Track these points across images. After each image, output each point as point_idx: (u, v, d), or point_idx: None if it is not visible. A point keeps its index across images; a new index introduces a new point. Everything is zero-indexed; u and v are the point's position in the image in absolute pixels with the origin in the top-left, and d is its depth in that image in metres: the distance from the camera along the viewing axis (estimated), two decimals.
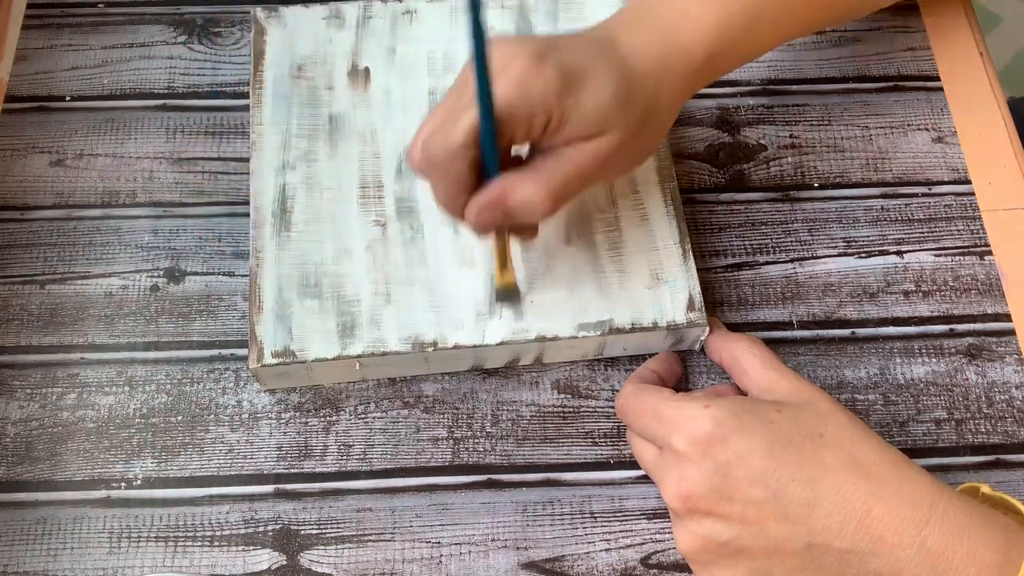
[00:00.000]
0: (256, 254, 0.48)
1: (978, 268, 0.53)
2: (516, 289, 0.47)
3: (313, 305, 0.47)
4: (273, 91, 0.53)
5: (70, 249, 0.52)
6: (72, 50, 0.58)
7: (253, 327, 0.46)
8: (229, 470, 0.47)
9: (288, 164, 0.51)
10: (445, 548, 0.45)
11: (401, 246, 0.49)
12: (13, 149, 0.55)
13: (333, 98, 0.53)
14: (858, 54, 0.60)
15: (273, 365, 0.46)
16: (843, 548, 0.36)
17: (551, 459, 0.48)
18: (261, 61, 0.54)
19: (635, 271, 0.48)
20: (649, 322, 0.47)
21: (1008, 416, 0.49)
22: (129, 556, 0.45)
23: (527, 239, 0.47)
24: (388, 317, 0.47)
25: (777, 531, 0.37)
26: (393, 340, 0.46)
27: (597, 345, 0.48)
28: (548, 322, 0.47)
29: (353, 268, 0.48)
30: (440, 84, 0.53)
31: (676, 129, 0.57)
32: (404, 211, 0.50)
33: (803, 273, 0.53)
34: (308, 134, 0.52)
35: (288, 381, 0.48)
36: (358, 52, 0.54)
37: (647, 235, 0.49)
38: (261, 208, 0.49)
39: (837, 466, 0.37)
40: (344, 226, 0.49)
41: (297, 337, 0.46)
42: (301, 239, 0.49)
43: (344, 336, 0.46)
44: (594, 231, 0.50)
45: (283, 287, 0.47)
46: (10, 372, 0.49)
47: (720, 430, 0.38)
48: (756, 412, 0.39)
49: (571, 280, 0.48)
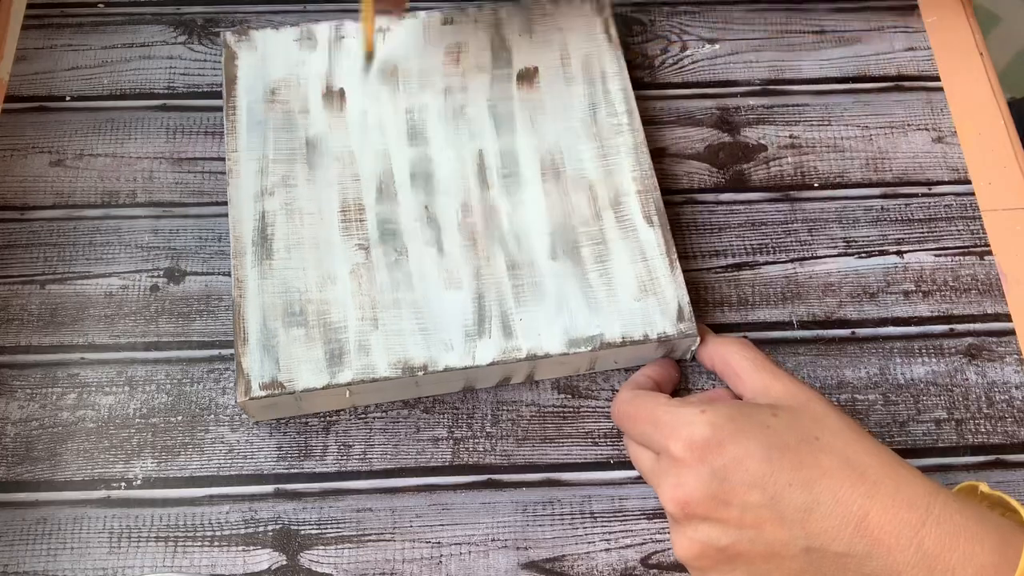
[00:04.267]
0: (238, 284, 0.47)
1: (978, 268, 0.53)
2: (372, 53, 0.53)
3: (299, 334, 0.46)
4: (247, 117, 0.52)
5: (70, 249, 0.52)
6: (72, 50, 0.58)
7: (239, 360, 0.45)
8: (229, 470, 0.47)
9: (266, 190, 0.50)
10: (445, 548, 0.45)
11: (386, 269, 0.48)
12: (13, 149, 0.55)
13: (309, 121, 0.52)
14: (858, 54, 0.60)
15: (261, 397, 0.45)
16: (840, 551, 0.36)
17: (551, 459, 0.48)
18: (233, 86, 0.53)
19: (623, 284, 0.48)
20: (640, 335, 0.47)
21: (1008, 416, 0.49)
22: (129, 556, 0.45)
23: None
24: (376, 342, 0.46)
25: (775, 535, 0.37)
26: (382, 366, 0.46)
27: (588, 360, 0.48)
28: (538, 340, 0.46)
29: (338, 294, 0.47)
30: (416, 102, 0.53)
31: (676, 129, 0.57)
32: (387, 233, 0.49)
33: (803, 273, 0.53)
34: (285, 159, 0.51)
35: (276, 412, 0.47)
36: (332, 73, 0.53)
37: (633, 247, 0.49)
38: (241, 237, 0.49)
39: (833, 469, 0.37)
40: (327, 251, 0.48)
41: (284, 368, 0.45)
42: (283, 267, 0.48)
43: (332, 364, 0.46)
44: (580, 245, 0.49)
45: (267, 317, 0.47)
46: (10, 372, 0.49)
47: (717, 435, 0.38)
48: (752, 416, 0.39)
49: (559, 296, 0.48)
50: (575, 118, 0.52)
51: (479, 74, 0.54)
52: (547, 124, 0.52)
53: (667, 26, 0.60)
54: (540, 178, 0.51)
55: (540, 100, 0.53)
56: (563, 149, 0.52)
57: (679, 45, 0.60)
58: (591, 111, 0.53)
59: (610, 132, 0.52)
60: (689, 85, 0.58)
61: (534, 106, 0.53)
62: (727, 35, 0.60)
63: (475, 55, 0.54)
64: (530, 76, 0.54)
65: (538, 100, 0.53)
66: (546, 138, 0.52)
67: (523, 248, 0.49)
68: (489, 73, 0.54)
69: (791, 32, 0.60)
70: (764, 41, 0.60)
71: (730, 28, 0.60)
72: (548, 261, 0.49)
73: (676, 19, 0.60)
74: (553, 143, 0.52)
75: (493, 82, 0.53)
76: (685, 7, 0.61)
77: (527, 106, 0.53)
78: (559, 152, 0.51)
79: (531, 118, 0.52)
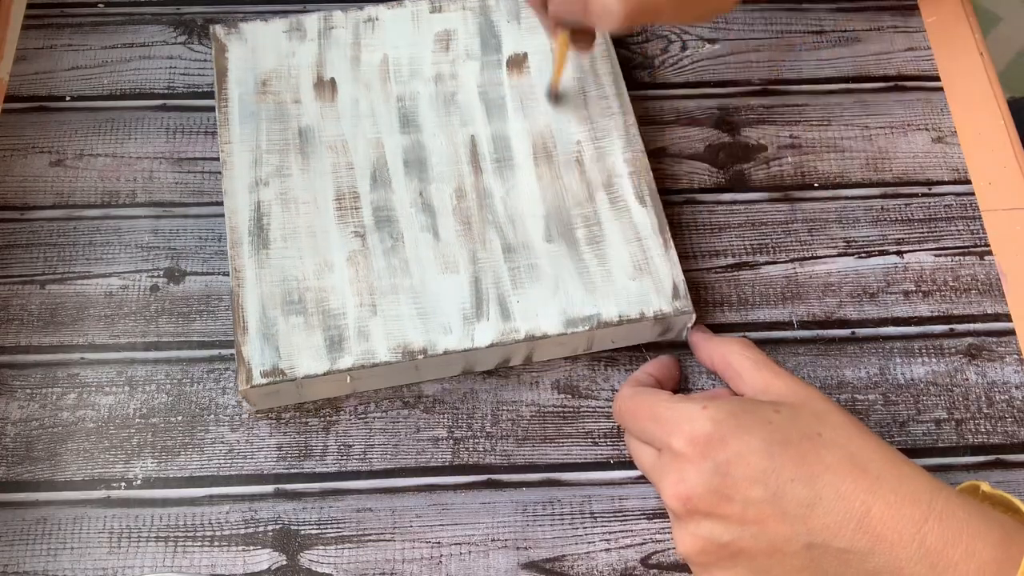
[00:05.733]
0: (236, 274, 0.48)
1: (978, 268, 0.53)
2: (562, 93, 0.52)
3: (298, 322, 0.47)
4: (240, 108, 0.52)
5: (70, 249, 0.52)
6: (72, 50, 0.58)
7: (239, 348, 0.46)
8: (229, 470, 0.47)
9: (261, 181, 0.50)
10: (445, 548, 0.45)
11: (382, 255, 0.48)
12: (13, 149, 0.55)
13: (301, 111, 0.52)
14: (858, 54, 0.60)
15: (263, 385, 0.45)
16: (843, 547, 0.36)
17: (551, 459, 0.48)
18: (224, 79, 0.53)
19: (618, 264, 0.48)
20: (636, 313, 0.47)
21: (1008, 416, 0.49)
22: (129, 556, 0.45)
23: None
24: (375, 328, 0.47)
25: (777, 531, 0.37)
26: (382, 350, 0.46)
27: (586, 340, 0.48)
28: (536, 321, 0.47)
29: (335, 281, 0.48)
30: (407, 90, 0.53)
31: (676, 129, 0.57)
32: (382, 220, 0.49)
33: (803, 273, 0.53)
34: (279, 149, 0.51)
35: (278, 400, 0.47)
36: (322, 63, 0.54)
37: (627, 227, 0.49)
38: (237, 227, 0.49)
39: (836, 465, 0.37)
40: (323, 239, 0.49)
41: (285, 355, 0.46)
42: (280, 256, 0.48)
43: (332, 350, 0.46)
44: (574, 227, 0.49)
45: (266, 306, 0.47)
46: (10, 372, 0.49)
47: (719, 430, 0.38)
48: (754, 412, 0.39)
49: (555, 277, 0.48)
50: (566, 101, 0.53)
51: (469, 61, 0.54)
52: (538, 108, 0.53)
53: (667, 26, 0.60)
54: (532, 162, 0.51)
55: (530, 85, 0.54)
56: (554, 133, 0.52)
57: (679, 45, 0.60)
58: (581, 95, 0.53)
59: (600, 114, 0.52)
60: (689, 85, 0.58)
61: (524, 91, 0.53)
62: (727, 35, 0.60)
63: (465, 42, 0.55)
64: (519, 62, 0.54)
65: (528, 85, 0.54)
66: (537, 122, 0.52)
67: (518, 231, 0.49)
68: (479, 60, 0.54)
69: (791, 32, 0.60)
70: (764, 41, 0.60)
71: (730, 28, 0.60)
72: (543, 243, 0.49)
73: None
74: (544, 127, 0.52)
75: (483, 68, 0.54)
76: None
77: (517, 91, 0.53)
78: (550, 136, 0.52)
79: (522, 103, 0.53)
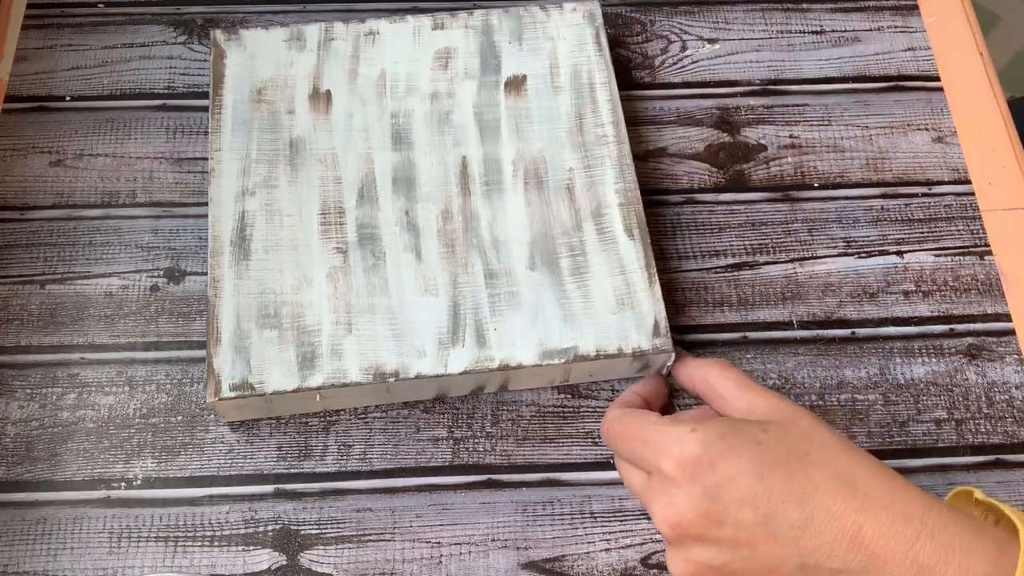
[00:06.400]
0: (214, 284, 0.47)
1: (978, 268, 0.53)
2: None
3: (272, 336, 0.46)
4: (232, 116, 0.52)
5: (70, 249, 0.52)
6: (72, 50, 0.58)
7: (210, 360, 0.45)
8: (229, 470, 0.47)
9: (247, 191, 0.50)
10: (445, 548, 0.45)
11: (363, 273, 0.48)
12: (13, 149, 0.55)
13: (294, 122, 0.52)
14: (858, 54, 0.60)
15: (231, 399, 0.45)
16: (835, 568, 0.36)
17: (551, 459, 0.48)
18: (220, 85, 0.53)
19: (600, 296, 0.47)
20: (614, 349, 0.46)
21: (1008, 416, 0.49)
22: (129, 556, 0.45)
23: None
24: (349, 347, 0.46)
25: (769, 553, 0.36)
26: (354, 371, 0.46)
27: (563, 372, 0.47)
28: (512, 350, 0.46)
29: (313, 296, 0.47)
30: (402, 107, 0.53)
31: (676, 129, 0.57)
32: (366, 237, 0.49)
33: (803, 273, 0.53)
34: (268, 159, 0.51)
35: (247, 414, 0.47)
36: (319, 75, 0.53)
37: (613, 259, 0.48)
38: (219, 236, 0.48)
39: (825, 484, 0.36)
40: (304, 254, 0.48)
41: (256, 369, 0.45)
42: (260, 268, 0.48)
43: (304, 367, 0.46)
44: (559, 256, 0.49)
45: (241, 318, 0.47)
46: (10, 372, 0.49)
47: (708, 453, 0.37)
48: (743, 433, 0.38)
49: (535, 306, 0.47)
50: (561, 128, 0.52)
51: (467, 80, 0.53)
52: (532, 132, 0.52)
53: (667, 26, 0.60)
54: (523, 187, 0.50)
55: (527, 108, 0.53)
56: (547, 158, 0.51)
57: (679, 45, 0.60)
58: (577, 121, 0.52)
59: (595, 143, 0.52)
60: (689, 85, 0.58)
61: (520, 114, 0.52)
62: (727, 35, 0.60)
63: (464, 61, 0.54)
64: (518, 84, 0.53)
65: (524, 108, 0.53)
66: (531, 146, 0.52)
67: (501, 257, 0.48)
68: (477, 80, 0.53)
69: (791, 32, 0.60)
70: (764, 41, 0.60)
71: (730, 28, 0.60)
72: (526, 271, 0.48)
73: (676, 19, 0.60)
74: (538, 152, 0.51)
75: (480, 89, 0.53)
76: (685, 7, 0.61)
77: (513, 114, 0.52)
78: (543, 161, 0.51)
79: (517, 126, 0.52)
